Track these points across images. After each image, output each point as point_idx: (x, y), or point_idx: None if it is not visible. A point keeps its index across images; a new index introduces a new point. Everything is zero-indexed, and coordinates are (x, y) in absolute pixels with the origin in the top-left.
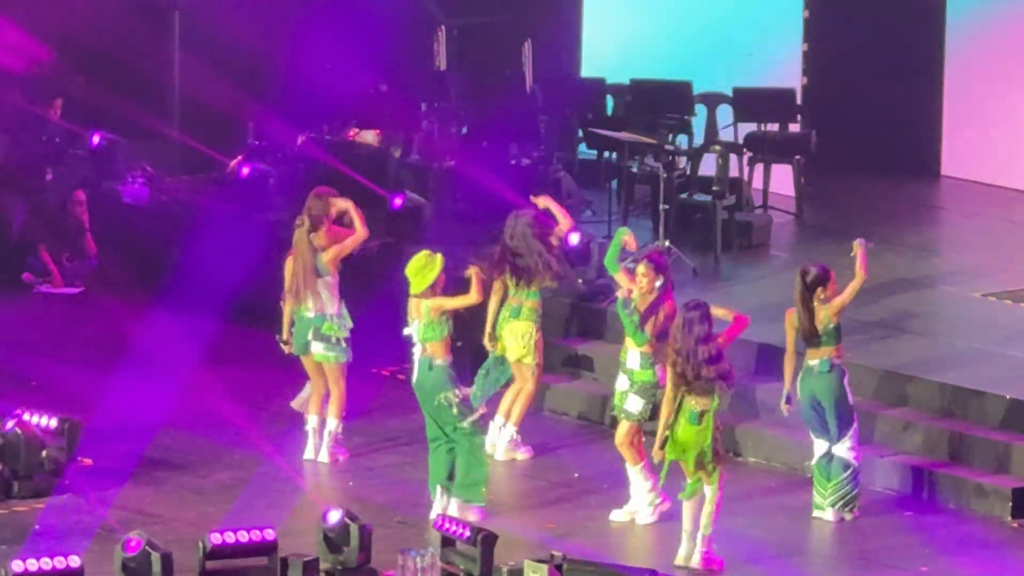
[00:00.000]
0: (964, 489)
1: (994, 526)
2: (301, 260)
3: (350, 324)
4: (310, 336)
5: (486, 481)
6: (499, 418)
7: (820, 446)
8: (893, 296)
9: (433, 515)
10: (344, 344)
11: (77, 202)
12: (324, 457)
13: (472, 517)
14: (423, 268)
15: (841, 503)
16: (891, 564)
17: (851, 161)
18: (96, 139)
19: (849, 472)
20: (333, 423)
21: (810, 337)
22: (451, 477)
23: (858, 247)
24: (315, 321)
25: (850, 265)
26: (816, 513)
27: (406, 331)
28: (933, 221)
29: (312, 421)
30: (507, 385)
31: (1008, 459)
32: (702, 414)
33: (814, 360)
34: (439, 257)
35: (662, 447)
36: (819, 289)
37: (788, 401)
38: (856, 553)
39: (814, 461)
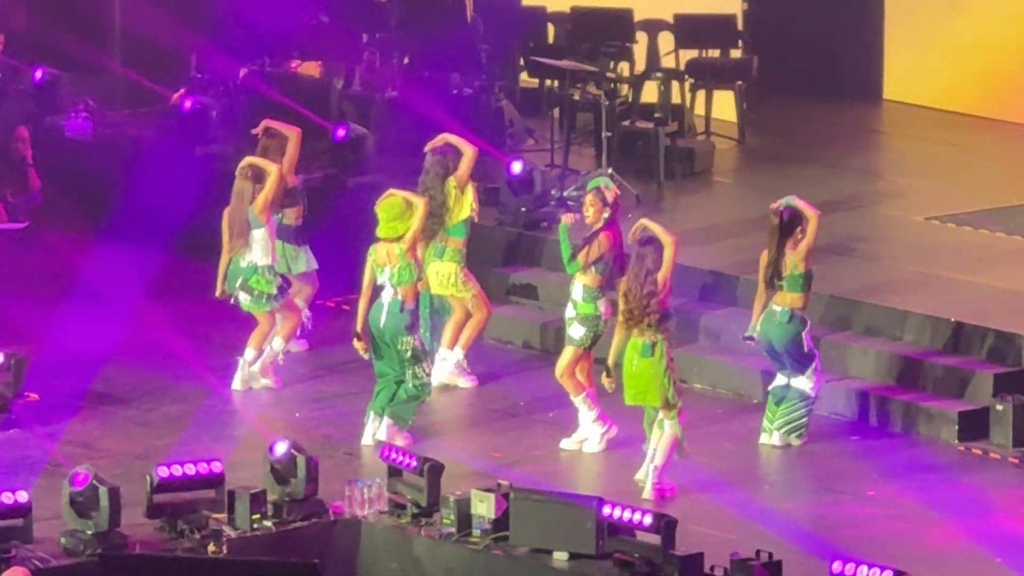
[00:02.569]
0: (910, 413)
1: (940, 449)
2: (238, 210)
3: (280, 278)
4: (238, 285)
5: (414, 411)
6: (443, 349)
7: (779, 378)
8: (837, 221)
9: (364, 439)
10: (267, 298)
11: (20, 138)
12: (255, 380)
13: (400, 441)
14: (401, 215)
15: (787, 428)
16: (838, 489)
17: (793, 86)
18: (38, 74)
19: (803, 400)
20: (278, 342)
21: (770, 280)
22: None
23: (791, 200)
24: (245, 272)
25: (794, 189)
26: (763, 439)
27: (379, 279)
28: (875, 145)
29: (249, 354)
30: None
31: (955, 382)
32: (653, 345)
33: (777, 306)
34: (421, 205)
35: (609, 375)
36: (797, 229)
37: (751, 338)
38: (803, 478)
39: (771, 387)
